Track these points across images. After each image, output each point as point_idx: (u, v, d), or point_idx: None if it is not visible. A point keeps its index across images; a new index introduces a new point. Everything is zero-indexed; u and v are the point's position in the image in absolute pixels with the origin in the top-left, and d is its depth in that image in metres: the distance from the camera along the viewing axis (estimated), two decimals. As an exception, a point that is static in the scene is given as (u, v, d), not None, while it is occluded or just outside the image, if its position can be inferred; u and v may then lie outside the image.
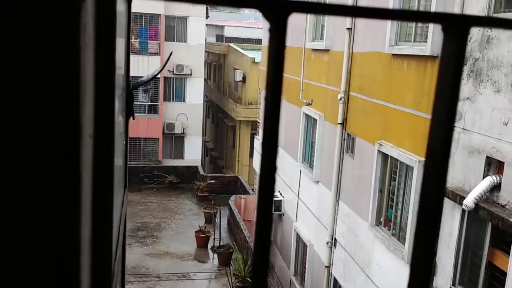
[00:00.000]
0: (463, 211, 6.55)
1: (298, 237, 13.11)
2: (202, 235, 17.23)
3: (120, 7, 1.42)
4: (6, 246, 0.50)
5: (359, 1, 9.92)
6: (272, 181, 0.45)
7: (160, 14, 24.65)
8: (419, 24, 8.10)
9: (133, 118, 1.64)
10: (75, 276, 0.54)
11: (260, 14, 0.46)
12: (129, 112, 1.58)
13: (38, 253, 0.51)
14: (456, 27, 0.47)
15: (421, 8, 8.02)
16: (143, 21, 24.76)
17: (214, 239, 17.13)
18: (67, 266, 0.54)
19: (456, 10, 6.83)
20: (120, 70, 1.44)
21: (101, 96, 0.63)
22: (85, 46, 0.48)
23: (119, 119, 1.42)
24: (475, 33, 6.53)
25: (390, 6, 8.52)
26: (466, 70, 6.70)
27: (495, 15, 6.27)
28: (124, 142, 1.61)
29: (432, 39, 7.36)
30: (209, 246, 17.29)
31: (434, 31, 7.34)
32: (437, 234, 0.50)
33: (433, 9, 7.39)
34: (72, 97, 0.44)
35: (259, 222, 0.44)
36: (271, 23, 0.44)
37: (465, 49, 0.47)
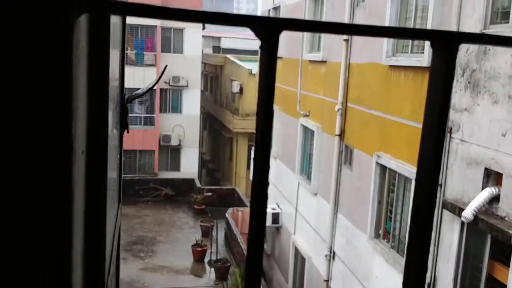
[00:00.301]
0: (462, 223, 6.51)
1: (296, 250, 13.03)
2: (198, 249, 17.10)
3: (115, 19, 1.40)
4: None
5: (356, 15, 9.97)
6: (265, 193, 0.44)
7: (156, 26, 24.75)
8: (416, 36, 8.14)
9: (127, 132, 1.61)
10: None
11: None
12: (123, 125, 1.55)
13: (29, 269, 0.50)
14: (445, 44, 0.45)
15: (418, 19, 8.06)
16: (139, 33, 24.85)
17: (211, 252, 17.01)
18: (58, 282, 0.53)
19: (453, 21, 6.87)
20: (114, 83, 1.41)
21: (94, 111, 0.61)
22: (77, 62, 0.47)
23: (113, 132, 1.38)
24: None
25: (387, 18, 8.56)
26: (463, 81, 6.71)
27: (492, 26, 6.30)
28: (118, 156, 1.58)
29: (429, 50, 7.38)
30: (206, 260, 17.16)
31: (431, 43, 7.36)
32: (429, 243, 0.51)
33: (429, 20, 7.43)
34: (64, 112, 0.43)
35: (252, 234, 0.43)
36: (262, 40, 0.43)
37: (454, 65, 0.46)
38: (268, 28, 0.42)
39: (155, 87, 24.02)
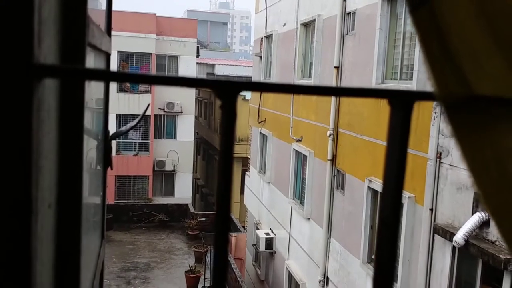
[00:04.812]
0: (454, 247, 6.52)
1: (290, 275, 12.92)
2: (192, 275, 16.91)
3: (99, 59, 1.45)
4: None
5: (346, 43, 10.15)
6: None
7: (151, 53, 24.97)
8: (405, 62, 8.29)
9: (111, 169, 1.65)
10: None
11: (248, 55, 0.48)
12: (107, 163, 1.59)
13: None
14: (401, 102, 0.49)
15: (406, 47, 8.21)
16: (134, 60, 25.05)
17: (204, 279, 16.82)
18: None
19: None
20: (97, 122, 1.45)
21: (66, 165, 0.63)
22: (40, 122, 0.49)
23: (96, 170, 1.42)
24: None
25: (376, 46, 8.72)
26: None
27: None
28: (102, 193, 1.61)
29: (418, 77, 7.51)
30: (200, 286, 16.96)
31: (420, 70, 7.50)
32: (395, 252, 0.51)
33: (417, 47, 7.57)
34: (22, 173, 0.45)
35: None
36: (222, 100, 0.47)
37: (410, 122, 0.50)
38: (226, 90, 0.47)
39: (148, 112, 24.09)
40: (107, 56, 1.54)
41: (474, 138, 0.48)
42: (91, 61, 1.13)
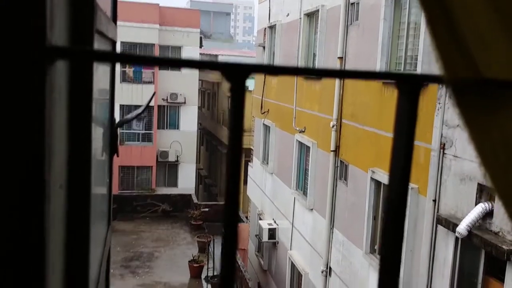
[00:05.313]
0: (457, 238, 6.53)
1: (293, 265, 12.98)
2: (195, 265, 17.01)
3: (105, 46, 1.45)
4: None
5: (350, 33, 10.10)
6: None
7: (154, 44, 24.91)
8: (409, 53, 8.25)
9: (117, 156, 1.66)
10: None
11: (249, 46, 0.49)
12: (113, 150, 1.60)
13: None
14: (408, 85, 0.50)
15: (411, 37, 8.18)
16: (138, 50, 24.99)
17: (207, 268, 16.92)
18: None
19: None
20: (103, 110, 1.46)
21: (76, 147, 0.64)
22: (52, 104, 0.50)
23: (103, 157, 1.43)
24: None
25: (380, 36, 8.68)
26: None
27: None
28: (108, 180, 1.62)
29: (422, 67, 7.48)
30: (203, 276, 17.06)
31: (424, 60, 7.46)
32: (402, 239, 0.51)
33: (421, 37, 7.53)
34: (35, 152, 0.45)
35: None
36: (231, 83, 0.47)
37: (417, 105, 0.50)
38: (236, 72, 0.47)
39: (152, 104, 24.08)
40: (113, 43, 1.55)
41: (481, 121, 0.48)
42: (98, 47, 1.14)
